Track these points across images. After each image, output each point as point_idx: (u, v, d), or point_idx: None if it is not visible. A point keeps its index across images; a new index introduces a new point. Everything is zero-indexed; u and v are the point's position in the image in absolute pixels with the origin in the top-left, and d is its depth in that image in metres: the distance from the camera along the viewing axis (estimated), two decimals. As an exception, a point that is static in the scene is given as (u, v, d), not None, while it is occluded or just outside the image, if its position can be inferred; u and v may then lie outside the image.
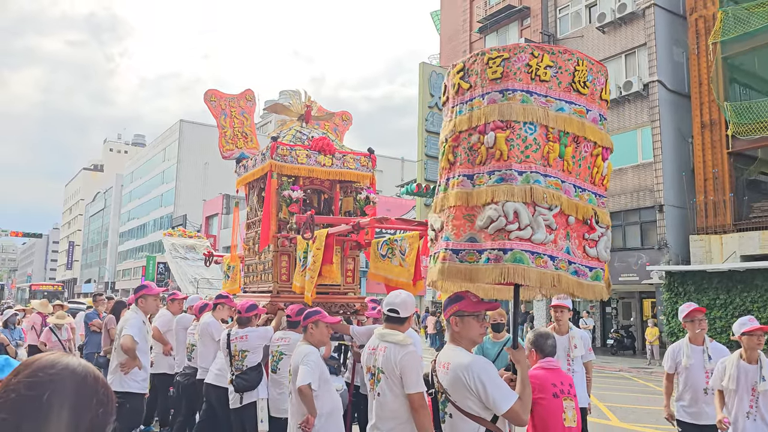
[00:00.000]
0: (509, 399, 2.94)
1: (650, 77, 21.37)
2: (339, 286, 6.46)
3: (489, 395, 2.93)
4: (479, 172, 3.10)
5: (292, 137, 6.64)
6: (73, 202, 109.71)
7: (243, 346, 5.68)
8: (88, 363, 1.27)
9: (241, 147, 7.37)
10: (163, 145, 66.52)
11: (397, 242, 5.60)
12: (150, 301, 5.94)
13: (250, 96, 7.69)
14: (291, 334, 5.66)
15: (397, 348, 3.85)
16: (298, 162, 6.33)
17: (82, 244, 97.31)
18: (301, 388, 4.49)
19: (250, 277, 7.05)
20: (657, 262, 20.37)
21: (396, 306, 4.04)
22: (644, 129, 21.63)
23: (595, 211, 3.15)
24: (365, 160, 6.75)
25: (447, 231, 3.18)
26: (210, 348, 6.32)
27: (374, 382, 3.94)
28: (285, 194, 6.20)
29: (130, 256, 71.71)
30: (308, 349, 4.70)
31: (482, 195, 3.05)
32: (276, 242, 6.30)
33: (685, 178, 20.89)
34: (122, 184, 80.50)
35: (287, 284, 6.23)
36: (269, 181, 6.23)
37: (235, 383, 5.62)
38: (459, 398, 3.03)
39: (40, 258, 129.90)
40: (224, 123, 7.38)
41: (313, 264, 5.39)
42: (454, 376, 3.04)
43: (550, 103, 3.05)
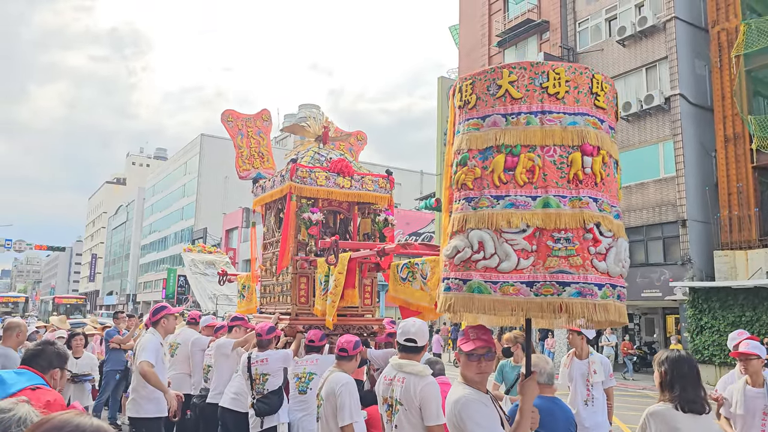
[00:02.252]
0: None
1: (672, 91, 21.14)
2: (357, 308, 6.42)
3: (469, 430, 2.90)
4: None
5: (310, 159, 6.64)
6: (95, 215, 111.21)
7: (264, 369, 5.64)
8: (101, 423, 1.24)
9: (257, 167, 7.40)
10: (184, 159, 67.26)
11: (417, 266, 5.54)
12: (171, 321, 5.87)
13: (267, 116, 7.73)
14: (319, 356, 5.62)
15: (417, 379, 3.78)
16: (318, 184, 6.33)
17: (104, 257, 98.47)
18: (345, 430, 4.40)
19: (266, 297, 7.04)
20: (680, 278, 20.04)
21: (413, 336, 3.97)
22: (666, 143, 21.36)
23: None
24: (383, 182, 6.73)
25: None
26: (225, 370, 6.31)
27: (391, 414, 3.87)
28: (305, 216, 6.20)
29: (152, 269, 72.40)
30: (346, 378, 4.61)
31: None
32: (295, 264, 6.29)
33: (709, 193, 20.57)
34: (144, 198, 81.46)
35: (306, 306, 6.21)
36: (288, 203, 6.23)
37: (256, 407, 5.58)
38: (452, 429, 3.03)
39: (63, 270, 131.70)
40: (241, 143, 7.42)
41: (335, 288, 5.36)
42: (447, 413, 3.07)
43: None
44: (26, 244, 49.37)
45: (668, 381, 3.33)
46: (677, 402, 3.24)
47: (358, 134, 8.26)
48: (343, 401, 4.43)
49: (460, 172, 3.02)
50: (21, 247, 48.72)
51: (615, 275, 2.91)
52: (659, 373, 3.41)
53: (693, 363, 3.42)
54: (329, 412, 4.52)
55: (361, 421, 4.70)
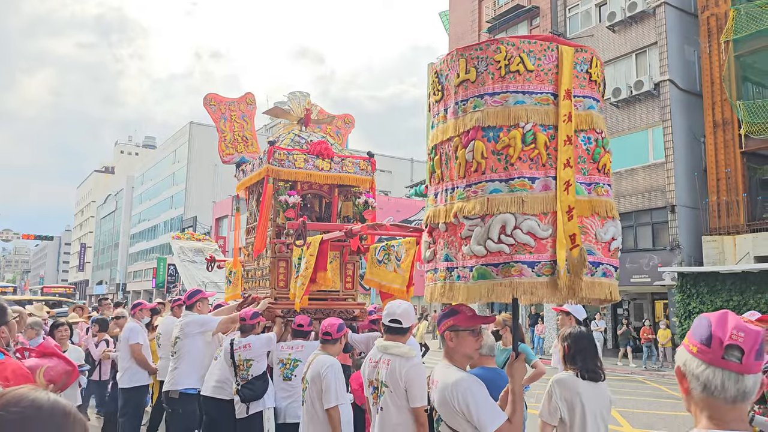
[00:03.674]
0: (496, 420, 2.77)
1: (661, 76, 21.09)
2: (338, 292, 6.33)
3: (473, 415, 2.77)
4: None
5: (290, 141, 6.51)
6: (84, 204, 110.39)
7: (247, 355, 5.55)
8: (58, 398, 1.15)
9: (241, 151, 7.26)
10: (173, 147, 66.76)
11: (393, 248, 5.46)
12: (205, 305, 6.12)
13: (251, 100, 7.58)
14: (305, 342, 5.55)
15: (402, 361, 3.73)
16: (296, 166, 6.20)
17: (93, 246, 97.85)
18: (330, 412, 4.37)
19: (249, 282, 6.93)
20: (669, 264, 20.10)
21: (398, 317, 3.91)
22: (655, 129, 21.35)
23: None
24: (364, 164, 6.60)
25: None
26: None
27: (377, 396, 3.81)
28: (281, 199, 6.07)
29: (141, 258, 72.06)
30: (330, 360, 4.55)
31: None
32: (273, 248, 6.18)
33: (698, 178, 20.60)
34: (133, 186, 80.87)
35: (285, 290, 6.10)
36: (265, 186, 6.11)
37: (241, 393, 5.49)
38: (449, 418, 2.89)
39: (52, 260, 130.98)
40: (224, 127, 7.27)
41: (305, 270, 5.26)
42: (441, 395, 2.91)
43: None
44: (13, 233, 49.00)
45: (571, 354, 3.78)
46: (579, 371, 3.71)
47: (345, 117, 8.12)
48: (329, 384, 4.37)
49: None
50: (8, 237, 48.37)
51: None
52: (563, 347, 3.84)
53: (591, 338, 3.91)
54: (315, 395, 4.46)
55: (347, 403, 4.65)
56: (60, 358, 3.63)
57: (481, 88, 2.82)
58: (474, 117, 2.81)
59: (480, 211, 2.74)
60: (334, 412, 4.35)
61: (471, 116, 2.82)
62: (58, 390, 3.51)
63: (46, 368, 3.47)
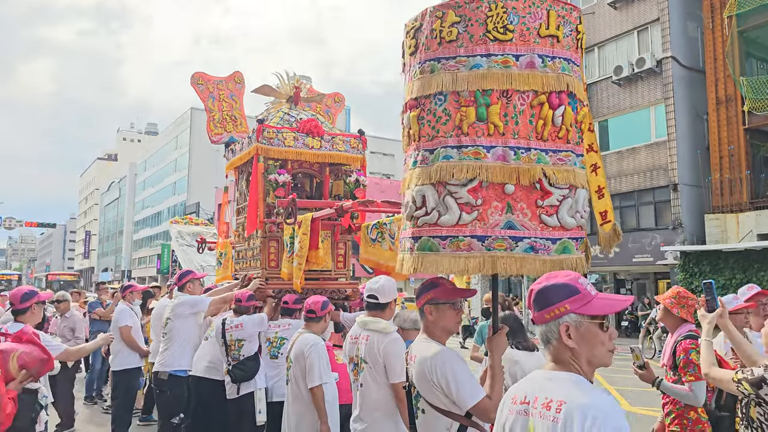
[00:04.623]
0: (475, 395, 2.68)
1: (663, 53, 20.82)
2: (330, 271, 6.25)
3: (452, 390, 2.69)
4: (407, 155, 2.93)
5: (279, 119, 6.41)
6: (88, 192, 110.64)
7: (239, 335, 5.51)
8: None
9: (230, 131, 7.17)
10: (174, 133, 66.64)
11: (386, 226, 5.37)
12: (196, 286, 5.99)
13: (239, 78, 7.47)
14: (292, 320, 5.51)
15: (381, 336, 3.68)
16: (285, 145, 6.10)
17: (98, 234, 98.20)
18: (314, 391, 4.32)
19: (240, 263, 6.87)
20: (672, 243, 19.98)
21: (375, 292, 3.88)
22: (658, 107, 21.12)
23: (544, 171, 2.65)
24: (355, 142, 6.50)
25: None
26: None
27: (357, 372, 3.77)
28: (271, 178, 5.99)
29: (146, 245, 72.27)
30: (314, 339, 4.51)
31: (405, 181, 2.92)
32: (264, 228, 6.10)
33: (700, 156, 20.40)
34: (136, 173, 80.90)
35: (276, 270, 6.03)
36: (255, 164, 6.02)
37: (232, 374, 5.45)
38: (427, 392, 2.81)
39: (58, 248, 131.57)
40: (212, 106, 7.18)
41: (301, 250, 5.19)
42: (420, 369, 2.82)
43: (461, 63, 2.68)
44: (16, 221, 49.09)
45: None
46: (512, 345, 4.21)
47: (335, 96, 8.00)
48: (312, 362, 4.32)
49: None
50: (11, 224, 48.43)
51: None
52: None
53: (517, 318, 4.57)
54: (298, 374, 4.41)
55: (331, 382, 4.58)
56: (37, 345, 3.58)
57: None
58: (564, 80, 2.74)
59: (567, 182, 2.71)
60: (317, 391, 4.30)
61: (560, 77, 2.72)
62: (29, 377, 3.46)
63: (20, 353, 3.42)
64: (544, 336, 1.89)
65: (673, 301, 4.04)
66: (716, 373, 3.20)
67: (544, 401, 1.74)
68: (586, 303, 1.80)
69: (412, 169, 2.82)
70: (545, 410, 1.72)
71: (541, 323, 1.88)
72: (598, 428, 1.58)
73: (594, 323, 1.81)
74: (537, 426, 1.75)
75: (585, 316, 1.80)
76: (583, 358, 1.81)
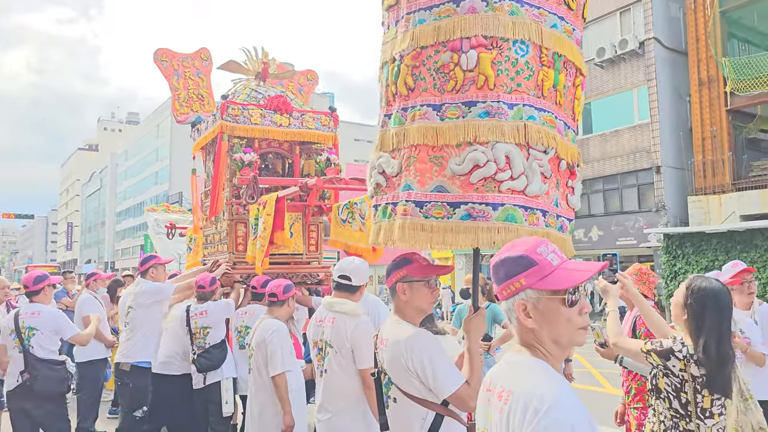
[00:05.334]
0: (454, 382, 2.42)
1: (646, 35, 20.65)
2: (301, 255, 5.99)
3: (428, 376, 2.42)
4: (451, 102, 2.41)
5: (246, 96, 6.11)
6: (69, 183, 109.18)
7: (204, 322, 5.24)
8: None
9: (196, 110, 6.84)
10: (155, 122, 65.78)
11: (356, 205, 5.12)
12: (159, 271, 5.64)
13: (206, 55, 7.13)
14: (255, 307, 5.27)
15: (348, 319, 3.43)
16: (251, 122, 5.79)
17: (80, 225, 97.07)
18: (276, 380, 4.07)
19: (208, 248, 6.59)
20: (655, 225, 19.93)
21: (348, 272, 3.62)
22: (640, 89, 20.99)
23: (578, 153, 2.66)
24: (326, 120, 6.20)
25: (408, 177, 2.51)
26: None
27: (321, 358, 3.52)
28: (237, 157, 5.68)
29: (129, 235, 71.47)
30: (276, 324, 4.26)
31: (458, 132, 2.39)
32: (231, 210, 5.81)
33: (683, 138, 20.32)
34: (117, 164, 79.88)
35: (244, 255, 5.75)
36: (219, 143, 5.71)
37: (197, 363, 5.18)
38: (400, 379, 2.54)
39: (39, 240, 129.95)
40: (177, 84, 6.83)
41: (264, 231, 4.91)
42: (393, 353, 2.54)
43: (544, 17, 2.41)
44: (-7, 212, 48.31)
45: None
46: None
47: (308, 74, 7.69)
48: (274, 349, 4.07)
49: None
50: (-12, 216, 47.64)
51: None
52: None
53: None
54: (260, 362, 4.17)
55: (296, 370, 4.33)
56: None
57: None
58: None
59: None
60: (279, 380, 4.06)
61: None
62: None
63: None
64: (507, 315, 1.65)
65: (633, 278, 4.06)
66: (625, 343, 3.19)
67: (500, 389, 1.53)
68: (545, 276, 1.54)
69: (480, 119, 2.37)
70: (497, 400, 1.52)
71: (503, 300, 1.64)
72: (538, 420, 1.36)
73: (555, 299, 1.54)
74: (493, 416, 1.52)
75: (543, 291, 1.54)
76: (547, 339, 1.56)
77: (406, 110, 2.53)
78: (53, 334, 4.93)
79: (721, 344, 2.69)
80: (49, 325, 4.91)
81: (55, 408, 4.88)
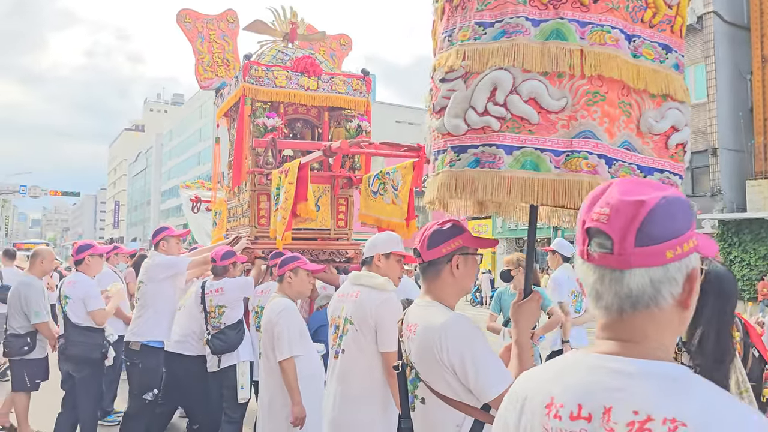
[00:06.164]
0: (500, 381, 1.89)
1: (705, 8, 19.44)
2: (329, 230, 5.53)
3: (469, 373, 1.90)
4: (647, 38, 1.91)
5: (271, 58, 5.64)
6: (117, 163, 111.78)
7: (219, 300, 4.85)
8: None
9: (221, 75, 6.40)
10: (198, 103, 66.45)
11: (389, 175, 4.62)
12: (171, 244, 5.21)
13: (233, 17, 6.67)
14: (273, 285, 4.84)
15: (374, 293, 2.95)
16: (276, 85, 5.32)
17: (127, 204, 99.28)
18: (283, 365, 3.63)
19: (231, 222, 6.19)
20: (709, 210, 18.90)
21: (377, 245, 3.18)
22: (698, 66, 19.80)
23: None
24: (358, 83, 5.68)
25: (587, 120, 1.85)
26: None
27: (337, 337, 3.04)
28: (259, 122, 5.22)
29: (173, 214, 72.60)
30: (284, 303, 3.83)
31: (659, 79, 1.91)
32: (253, 179, 5.37)
33: (743, 119, 19.15)
34: (162, 144, 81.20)
35: (267, 228, 5.31)
36: (242, 107, 5.27)
37: (211, 344, 4.81)
38: (431, 376, 2.01)
39: (89, 218, 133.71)
40: (201, 48, 6.40)
41: (285, 202, 4.46)
42: (423, 342, 2.01)
43: None
44: (41, 189, 49.36)
45: None
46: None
47: (341, 38, 7.17)
48: (281, 330, 3.63)
49: None
50: (36, 193, 48.69)
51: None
52: None
53: None
54: (268, 346, 3.73)
55: (308, 354, 3.85)
56: None
57: None
58: None
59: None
60: (287, 365, 3.61)
61: None
62: None
63: None
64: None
65: None
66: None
67: None
68: None
69: (676, 71, 1.97)
70: None
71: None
72: None
73: None
74: None
75: None
76: None
77: (585, 25, 1.85)
78: (81, 302, 5.02)
79: (721, 337, 2.26)
80: (79, 294, 5.03)
81: (90, 375, 5.03)
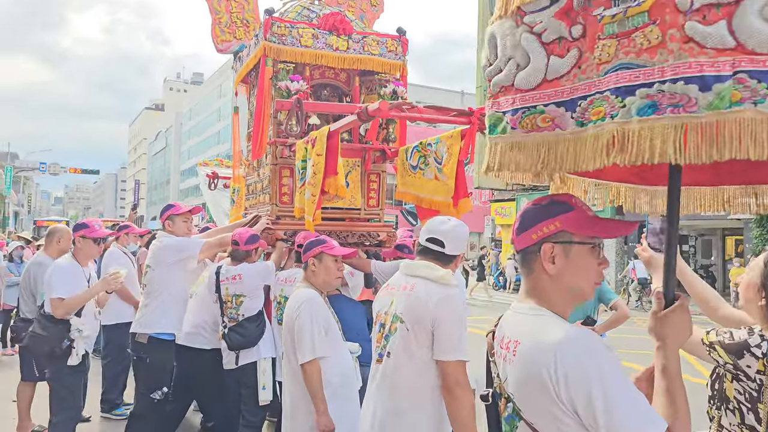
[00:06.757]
0: (645, 425, 1.29)
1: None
2: (359, 210, 4.93)
3: (598, 412, 1.28)
4: None
5: (296, 15, 5.02)
6: (137, 142, 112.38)
7: (237, 289, 4.28)
8: None
9: (240, 38, 5.80)
10: (218, 82, 66.28)
11: (431, 147, 3.99)
12: (177, 223, 4.65)
13: (253, -27, 6.07)
14: (298, 272, 4.25)
15: (434, 287, 2.36)
16: (301, 45, 4.68)
17: (147, 183, 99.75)
18: (305, 368, 3.06)
19: (250, 199, 5.62)
20: (748, 195, 18.03)
21: (440, 235, 2.53)
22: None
23: None
24: (393, 44, 5.02)
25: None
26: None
27: (382, 337, 2.46)
28: (282, 86, 4.59)
29: (192, 194, 72.70)
30: (307, 295, 3.25)
31: None
32: (275, 151, 4.77)
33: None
34: (181, 123, 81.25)
35: (289, 207, 4.71)
36: (263, 69, 4.65)
37: (228, 339, 4.25)
38: (539, 417, 1.41)
39: (110, 197, 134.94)
40: (218, 7, 5.79)
41: (314, 177, 3.86)
42: (529, 368, 1.41)
43: None
44: (60, 167, 49.41)
45: None
46: None
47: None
48: (302, 327, 3.05)
49: None
50: (56, 170, 48.77)
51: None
52: None
53: None
54: (289, 345, 3.16)
55: (337, 355, 3.25)
56: None
57: None
58: None
59: None
60: (310, 369, 3.03)
61: None
62: None
63: None
64: None
65: None
66: None
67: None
68: None
69: None
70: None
71: None
72: None
73: None
74: None
75: None
76: None
77: None
78: (48, 287, 4.30)
79: None
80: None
81: (55, 372, 4.32)
